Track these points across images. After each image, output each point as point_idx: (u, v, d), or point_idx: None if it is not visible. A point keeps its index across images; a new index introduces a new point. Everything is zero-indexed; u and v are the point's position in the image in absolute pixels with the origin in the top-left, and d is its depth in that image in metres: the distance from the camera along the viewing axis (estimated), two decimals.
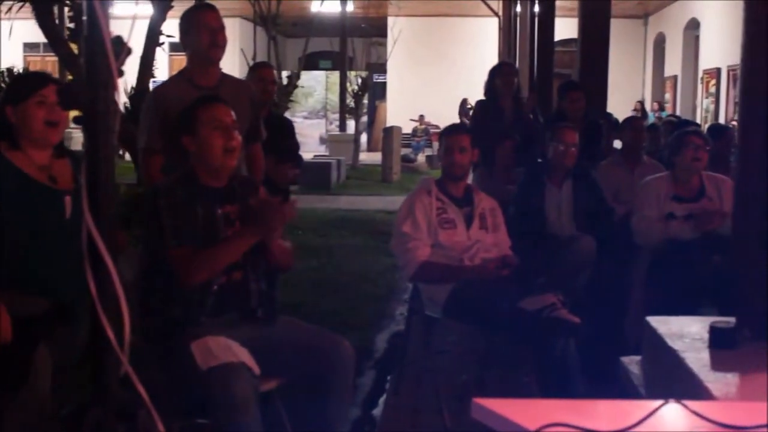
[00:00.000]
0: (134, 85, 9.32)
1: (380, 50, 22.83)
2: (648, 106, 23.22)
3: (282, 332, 3.18)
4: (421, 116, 22.14)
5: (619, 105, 21.95)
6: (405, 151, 19.47)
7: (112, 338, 1.74)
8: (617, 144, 6.62)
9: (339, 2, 20.51)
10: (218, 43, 3.99)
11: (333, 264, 8.11)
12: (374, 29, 23.06)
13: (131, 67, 7.38)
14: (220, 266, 3.01)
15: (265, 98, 5.30)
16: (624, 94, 23.47)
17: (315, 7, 19.94)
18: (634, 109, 21.30)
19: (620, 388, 2.84)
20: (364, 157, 20.88)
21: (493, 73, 6.62)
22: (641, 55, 25.43)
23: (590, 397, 2.19)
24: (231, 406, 2.75)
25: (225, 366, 2.81)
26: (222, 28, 4.04)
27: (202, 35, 3.96)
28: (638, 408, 1.60)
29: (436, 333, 4.63)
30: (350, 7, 21.25)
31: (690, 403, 1.62)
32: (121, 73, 2.13)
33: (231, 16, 23.34)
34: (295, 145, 5.60)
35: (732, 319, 2.46)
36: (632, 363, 2.74)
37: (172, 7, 9.03)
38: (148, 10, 8.97)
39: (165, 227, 2.97)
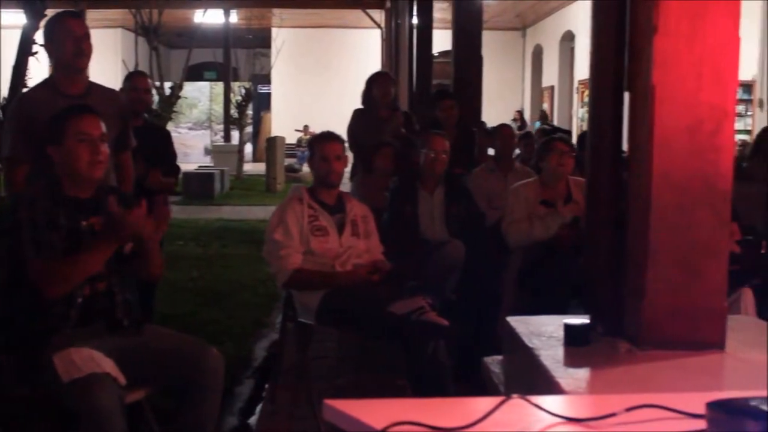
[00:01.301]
0: (6, 96, 9.01)
1: (264, 61, 22.74)
2: (528, 116, 23.86)
3: (149, 341, 3.16)
4: (306, 126, 22.13)
5: (501, 114, 22.54)
6: (290, 161, 19.44)
7: None
8: (492, 151, 6.78)
9: (222, 13, 20.34)
10: (83, 51, 3.91)
11: (213, 274, 8.06)
12: (258, 40, 22.93)
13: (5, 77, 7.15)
14: (81, 277, 2.96)
15: (138, 107, 5.25)
16: (505, 103, 24.09)
17: (198, 18, 19.70)
18: (514, 119, 21.84)
19: (485, 388, 2.91)
20: (250, 167, 20.75)
21: (370, 82, 6.68)
22: (520, 66, 26.11)
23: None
24: (96, 417, 2.73)
25: (89, 377, 2.79)
26: (87, 36, 3.96)
27: (66, 43, 3.88)
28: (484, 404, 1.64)
29: (313, 339, 4.66)
30: (234, 18, 21.10)
31: (532, 398, 1.67)
32: None
33: (113, 27, 22.86)
34: (172, 155, 5.55)
35: (586, 317, 2.55)
36: (494, 363, 2.81)
37: (45, 15, 8.76)
38: (22, 19, 8.70)
39: (25, 239, 2.90)
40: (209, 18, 19.80)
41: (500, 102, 24.16)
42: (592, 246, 2.63)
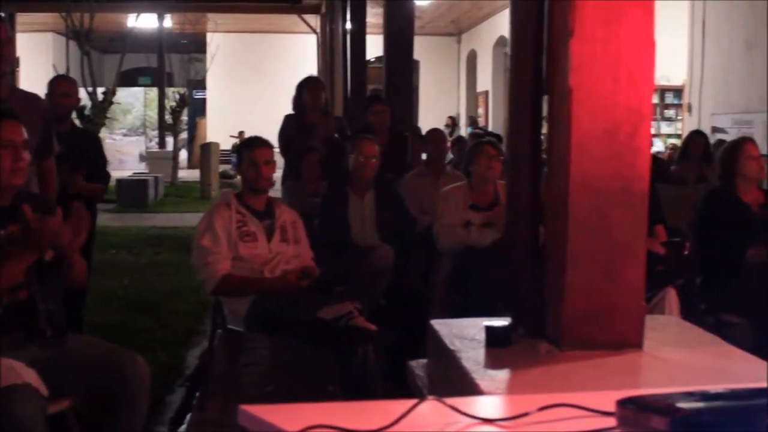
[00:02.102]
0: None
1: (199, 66, 22.53)
2: (463, 121, 24.06)
3: (73, 351, 3.10)
4: (241, 132, 21.91)
5: (438, 119, 22.67)
6: (225, 167, 19.27)
7: None
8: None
9: (156, 17, 20.09)
10: (3, 55, 3.82)
11: (146, 282, 7.95)
12: (193, 45, 22.72)
13: None
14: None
15: (61, 112, 5.16)
16: (442, 108, 24.26)
17: (131, 22, 19.42)
18: (446, 125, 22.01)
19: (410, 392, 2.91)
20: (185, 174, 20.54)
21: (301, 87, 6.67)
22: (455, 71, 26.31)
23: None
24: (17, 429, 2.66)
25: (9, 388, 2.71)
26: (8, 39, 3.89)
27: None
28: (400, 407, 1.63)
29: (245, 346, 4.62)
30: (168, 23, 20.85)
31: (447, 399, 1.67)
32: None
33: (43, 31, 22.43)
34: (102, 161, 5.47)
35: (508, 319, 2.57)
36: (418, 366, 2.81)
37: None
38: None
39: None
40: (143, 22, 19.54)
41: (437, 106, 24.33)
42: (512, 248, 2.65)
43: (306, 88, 6.65)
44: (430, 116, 22.30)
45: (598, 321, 2.30)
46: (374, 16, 12.01)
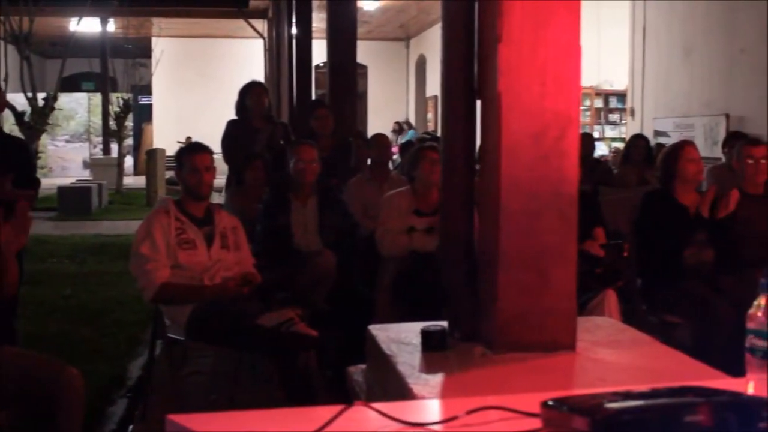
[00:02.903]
0: None
1: (144, 71, 22.25)
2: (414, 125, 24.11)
3: (5, 363, 3.04)
4: (188, 138, 21.64)
5: (387, 124, 22.70)
6: (171, 173, 19.02)
7: None
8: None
9: (99, 22, 19.80)
10: None
11: (88, 291, 7.81)
12: (138, 50, 22.40)
13: None
14: None
15: None
16: (392, 113, 24.28)
17: (73, 26, 19.10)
18: (393, 130, 22.05)
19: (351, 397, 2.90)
20: (131, 180, 20.28)
21: (243, 93, 6.63)
22: (405, 76, 26.37)
23: None
24: None
25: None
26: None
27: None
28: (328, 412, 1.63)
29: (189, 355, 4.58)
30: (111, 27, 20.56)
31: (376, 404, 1.67)
32: None
33: None
34: (31, 167, 5.36)
35: (445, 323, 2.57)
36: (357, 371, 2.81)
37: None
38: None
39: None
40: (85, 27, 19.22)
41: (387, 112, 24.36)
42: (447, 252, 2.66)
43: (248, 93, 6.62)
44: (378, 121, 22.32)
45: (530, 323, 2.31)
46: (321, 20, 11.98)
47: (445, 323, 2.59)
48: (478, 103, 2.45)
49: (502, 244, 2.28)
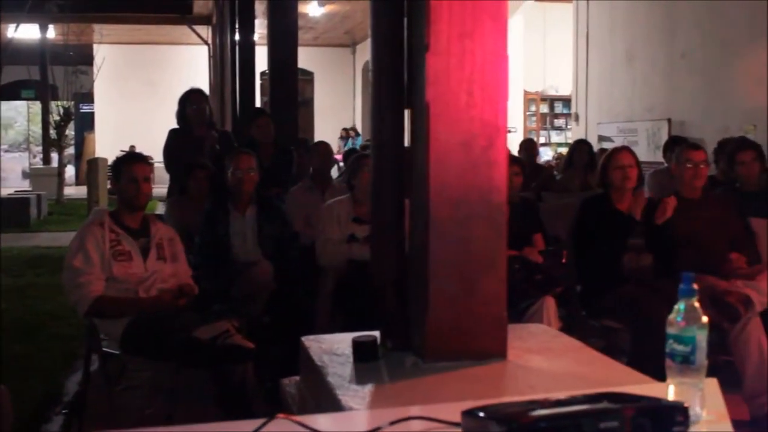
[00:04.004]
0: None
1: (85, 79, 21.89)
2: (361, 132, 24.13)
3: None
4: (132, 147, 21.43)
5: (335, 131, 22.68)
6: None
7: None
8: None
9: (38, 28, 19.45)
10: None
11: (24, 305, 7.64)
12: (79, 57, 22.04)
13: None
14: None
15: None
16: (339, 120, 24.26)
17: (10, 33, 18.73)
18: (341, 136, 22.03)
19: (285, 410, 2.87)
20: (73, 191, 19.95)
21: (183, 101, 6.55)
22: (351, 82, 26.37)
23: None
24: None
25: None
26: None
27: None
28: (249, 426, 1.61)
29: (126, 369, 4.50)
30: (51, 34, 20.21)
31: (298, 417, 1.66)
32: None
33: None
34: None
35: (377, 333, 2.56)
36: (291, 384, 2.78)
37: None
38: None
39: None
40: (23, 33, 18.87)
41: (333, 118, 24.32)
42: (378, 262, 2.64)
43: (188, 101, 6.54)
44: (326, 128, 22.29)
45: (460, 332, 2.31)
46: (266, 27, 11.91)
47: (377, 333, 2.57)
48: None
49: (431, 252, 2.27)
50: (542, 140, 19.02)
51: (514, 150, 10.37)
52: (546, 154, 18.43)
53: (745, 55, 9.04)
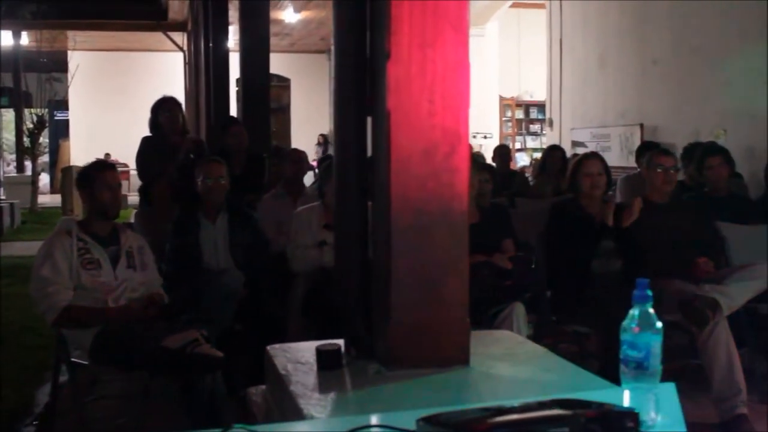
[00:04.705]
0: None
1: (60, 86, 21.75)
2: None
3: None
4: (107, 154, 21.30)
5: (311, 137, 22.63)
6: None
7: None
8: None
9: (11, 35, 19.32)
10: None
11: None
12: (53, 63, 21.90)
13: None
14: None
15: None
16: (315, 125, 24.22)
17: None
18: (318, 143, 22.00)
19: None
20: (48, 199, 19.80)
21: (156, 109, 6.52)
22: (328, 88, 26.33)
23: None
24: None
25: None
26: None
27: None
28: None
29: (99, 378, 4.47)
30: (24, 40, 20.08)
31: (257, 426, 1.66)
32: None
33: None
34: None
35: (341, 341, 2.56)
36: (257, 392, 2.77)
37: None
38: None
39: None
40: None
41: (310, 125, 24.28)
42: (342, 269, 2.65)
43: (161, 108, 6.51)
44: (302, 136, 22.25)
45: (423, 340, 2.32)
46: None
47: (341, 341, 2.58)
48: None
49: (393, 260, 2.28)
50: (518, 145, 19.11)
51: (491, 156, 10.42)
52: (522, 160, 18.54)
53: (715, 61, 9.13)
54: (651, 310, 1.75)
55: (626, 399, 1.72)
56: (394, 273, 2.28)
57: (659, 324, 1.75)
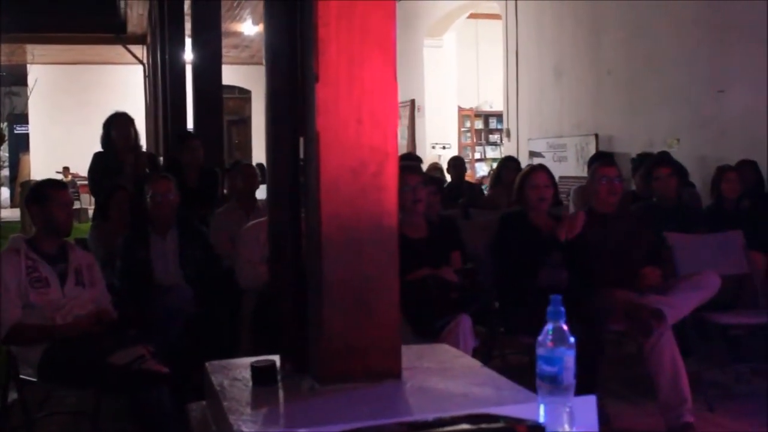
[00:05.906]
0: None
1: (17, 100, 21.58)
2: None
3: None
4: (66, 168, 21.15)
5: None
6: None
7: None
8: None
9: None
10: None
11: None
12: (12, 77, 21.74)
13: None
14: None
15: None
16: None
17: None
18: None
19: None
20: (8, 213, 19.57)
21: (108, 124, 6.52)
22: None
23: None
24: None
25: None
26: None
27: None
28: None
29: (50, 395, 4.45)
30: None
31: None
32: None
33: None
34: None
35: (276, 357, 2.59)
36: (196, 408, 2.79)
37: None
38: None
39: None
40: None
41: None
42: (276, 285, 2.69)
43: (113, 124, 6.51)
44: (263, 147, 22.16)
45: (355, 354, 2.36)
46: None
47: (277, 357, 2.61)
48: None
49: (324, 276, 2.32)
50: (477, 156, 19.22)
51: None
52: (482, 170, 18.67)
53: (667, 71, 9.29)
54: (564, 327, 1.81)
55: (541, 413, 1.77)
56: (326, 289, 2.32)
57: (572, 339, 1.80)
